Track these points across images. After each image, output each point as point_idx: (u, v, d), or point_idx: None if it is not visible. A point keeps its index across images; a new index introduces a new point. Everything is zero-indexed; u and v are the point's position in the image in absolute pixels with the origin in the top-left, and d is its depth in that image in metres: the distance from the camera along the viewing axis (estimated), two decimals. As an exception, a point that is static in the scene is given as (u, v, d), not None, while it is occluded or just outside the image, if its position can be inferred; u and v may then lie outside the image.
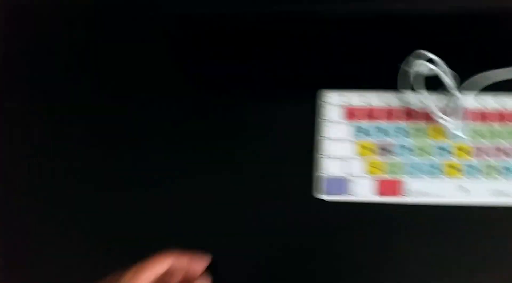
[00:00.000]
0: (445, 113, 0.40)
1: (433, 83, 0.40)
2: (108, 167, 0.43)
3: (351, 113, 0.41)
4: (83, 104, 0.45)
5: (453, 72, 0.40)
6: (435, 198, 0.39)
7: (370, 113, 0.41)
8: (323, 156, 0.40)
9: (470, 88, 0.40)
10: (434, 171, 0.39)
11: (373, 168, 0.40)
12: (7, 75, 0.47)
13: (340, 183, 0.40)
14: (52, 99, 0.45)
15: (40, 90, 0.46)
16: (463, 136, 0.39)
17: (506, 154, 0.40)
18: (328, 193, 0.39)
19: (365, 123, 0.41)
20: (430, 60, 0.39)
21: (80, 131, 0.44)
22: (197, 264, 0.36)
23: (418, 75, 0.41)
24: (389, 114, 0.41)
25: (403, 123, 0.41)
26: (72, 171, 0.43)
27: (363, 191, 0.39)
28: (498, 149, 0.40)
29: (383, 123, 0.41)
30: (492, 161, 0.39)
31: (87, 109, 0.45)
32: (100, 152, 0.43)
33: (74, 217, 0.42)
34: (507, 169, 0.39)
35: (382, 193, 0.39)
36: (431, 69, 0.40)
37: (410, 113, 0.41)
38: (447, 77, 0.40)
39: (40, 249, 0.42)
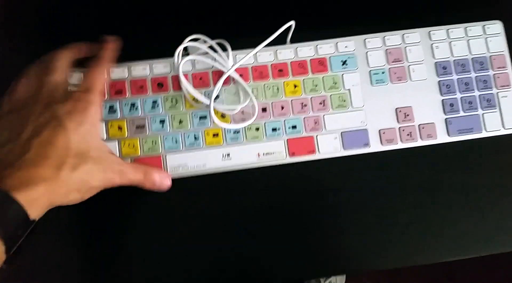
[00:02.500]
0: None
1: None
2: None
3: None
4: None
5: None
6: (197, 169, 0.37)
7: (116, 88, 0.38)
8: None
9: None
10: (194, 141, 0.37)
11: (128, 148, 0.37)
12: None
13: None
14: None
15: None
16: (212, 106, 0.37)
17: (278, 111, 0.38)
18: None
19: (111, 100, 0.38)
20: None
21: None
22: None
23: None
24: (138, 87, 0.38)
25: (156, 96, 0.38)
26: None
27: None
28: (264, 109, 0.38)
29: (132, 98, 0.38)
30: (254, 123, 0.38)
31: None
32: None
33: None
34: (273, 129, 0.38)
35: (140, 173, 0.37)
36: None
37: (162, 84, 0.38)
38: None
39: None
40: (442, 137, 0.39)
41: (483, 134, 0.39)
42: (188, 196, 0.38)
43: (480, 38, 0.40)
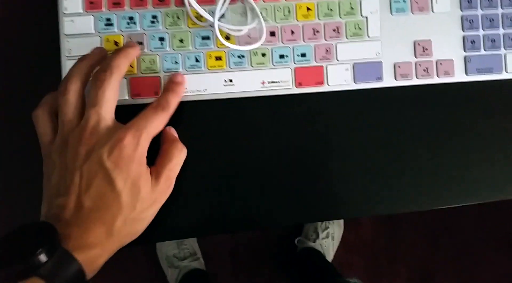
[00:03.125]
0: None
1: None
2: None
3: (91, 2, 0.34)
4: None
5: None
6: (197, 93, 0.35)
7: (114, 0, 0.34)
8: (69, 58, 0.34)
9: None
10: (195, 63, 0.35)
11: (124, 65, 0.34)
12: None
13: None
14: None
15: None
16: (217, 24, 0.33)
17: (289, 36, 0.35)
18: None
19: (108, 12, 0.34)
20: None
21: None
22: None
23: None
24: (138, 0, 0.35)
25: (156, 10, 0.35)
26: None
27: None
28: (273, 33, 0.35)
29: (131, 11, 0.35)
30: (261, 48, 0.35)
31: None
32: None
33: None
34: (280, 56, 0.35)
35: (136, 94, 0.35)
36: None
37: (163, -3, 0.35)
38: None
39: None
40: (459, 76, 0.36)
41: (503, 75, 0.37)
42: (186, 121, 0.36)
43: (512, -30, 0.37)
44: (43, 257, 0.24)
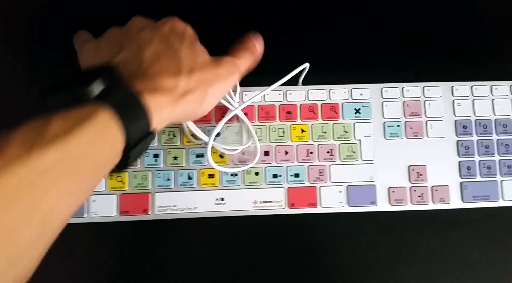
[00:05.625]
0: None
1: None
2: None
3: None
4: None
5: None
6: (187, 212, 0.34)
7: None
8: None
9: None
10: (187, 181, 0.34)
11: (115, 182, 0.34)
12: None
13: (79, 200, 0.34)
14: None
15: None
16: (209, 150, 0.34)
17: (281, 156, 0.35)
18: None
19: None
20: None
21: None
22: None
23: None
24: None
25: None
26: None
27: (105, 210, 0.34)
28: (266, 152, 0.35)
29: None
30: (255, 167, 0.35)
31: None
32: None
33: None
34: (274, 176, 0.35)
35: (124, 211, 0.34)
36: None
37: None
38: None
39: None
40: (455, 203, 0.36)
41: (500, 203, 0.36)
42: (174, 239, 0.35)
43: (506, 98, 0.37)
44: (99, 85, 0.22)
